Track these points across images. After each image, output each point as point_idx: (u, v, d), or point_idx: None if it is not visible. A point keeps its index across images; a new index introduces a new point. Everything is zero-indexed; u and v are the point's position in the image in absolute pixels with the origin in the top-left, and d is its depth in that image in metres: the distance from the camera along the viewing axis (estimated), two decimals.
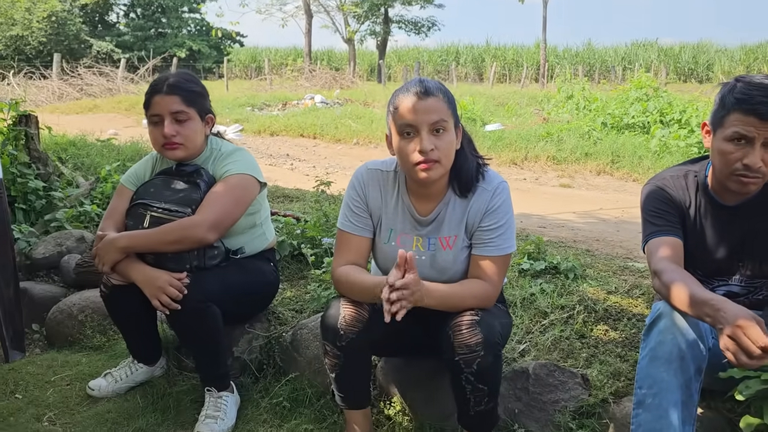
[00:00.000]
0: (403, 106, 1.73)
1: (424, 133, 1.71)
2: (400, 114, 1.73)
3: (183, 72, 2.31)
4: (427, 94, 1.72)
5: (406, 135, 1.73)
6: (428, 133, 1.71)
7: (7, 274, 2.63)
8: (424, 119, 1.71)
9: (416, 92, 1.72)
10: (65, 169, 4.34)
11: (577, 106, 11.34)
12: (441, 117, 1.72)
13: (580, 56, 38.51)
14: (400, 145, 1.75)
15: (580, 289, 2.65)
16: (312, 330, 2.38)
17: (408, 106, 1.72)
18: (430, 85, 1.75)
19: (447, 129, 1.74)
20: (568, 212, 5.23)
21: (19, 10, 26.70)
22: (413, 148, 1.72)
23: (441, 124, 1.72)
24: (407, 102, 1.72)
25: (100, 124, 11.30)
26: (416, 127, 1.71)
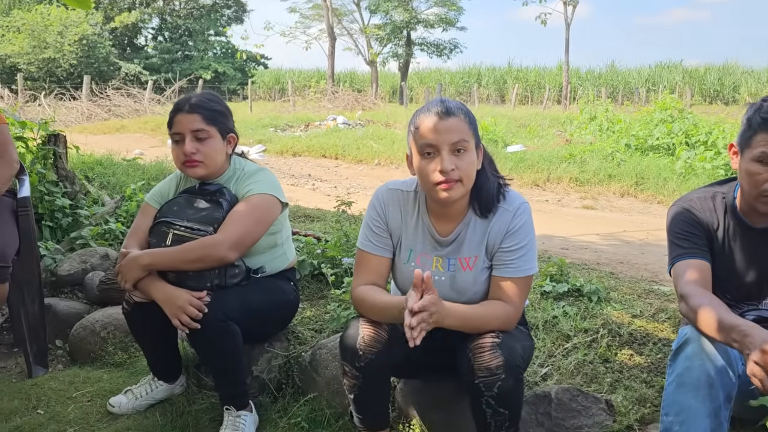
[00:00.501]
0: (424, 126, 1.73)
1: (444, 153, 1.70)
2: (421, 134, 1.73)
3: (206, 92, 2.35)
4: (448, 114, 1.72)
5: (426, 155, 1.73)
6: (449, 153, 1.71)
7: (32, 291, 2.67)
8: (445, 139, 1.70)
9: (437, 112, 1.72)
10: (92, 188, 4.41)
11: (600, 128, 11.27)
12: (462, 137, 1.72)
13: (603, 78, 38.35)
14: (421, 165, 1.75)
15: (603, 313, 2.61)
16: (331, 350, 2.37)
17: (429, 125, 1.72)
18: (451, 105, 1.75)
19: (468, 149, 1.73)
20: (592, 234, 5.17)
21: (51, 34, 27.40)
22: (434, 167, 1.72)
23: (462, 144, 1.72)
24: (428, 122, 1.72)
25: (126, 144, 11.50)
26: (437, 147, 1.71)
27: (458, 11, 34.24)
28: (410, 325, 1.55)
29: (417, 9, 33.35)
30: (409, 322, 1.55)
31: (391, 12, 32.45)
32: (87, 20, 28.93)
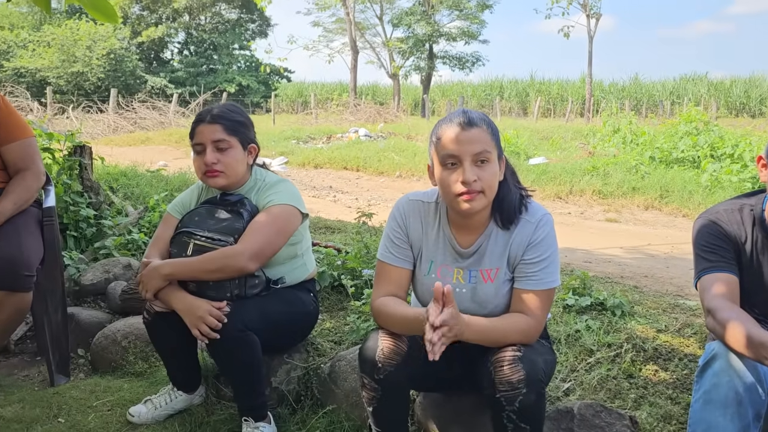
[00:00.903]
0: (446, 137, 1.71)
1: (467, 164, 1.69)
2: (442, 144, 1.72)
3: (228, 103, 2.37)
4: (471, 125, 1.71)
5: (448, 165, 1.72)
6: (471, 164, 1.69)
7: (55, 300, 2.70)
8: (467, 150, 1.69)
9: (459, 122, 1.71)
10: (116, 198, 4.47)
11: (624, 140, 11.17)
12: (484, 148, 1.70)
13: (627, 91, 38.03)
14: (443, 176, 1.73)
15: (627, 327, 2.56)
16: (350, 362, 2.36)
17: (451, 136, 1.71)
18: (474, 116, 1.73)
19: (490, 160, 1.72)
20: (615, 247, 5.10)
21: (80, 48, 28.00)
22: (456, 178, 1.70)
23: (484, 155, 1.70)
24: (450, 132, 1.71)
25: (151, 155, 11.66)
26: (459, 158, 1.69)
27: (480, 24, 34.32)
28: (431, 340, 1.53)
29: (439, 22, 33.50)
30: (431, 338, 1.53)
31: (413, 25, 32.62)
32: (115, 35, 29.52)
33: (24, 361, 2.91)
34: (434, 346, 1.53)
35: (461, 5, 33.00)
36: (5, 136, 2.53)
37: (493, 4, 34.29)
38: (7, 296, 2.32)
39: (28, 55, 28.23)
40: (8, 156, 2.53)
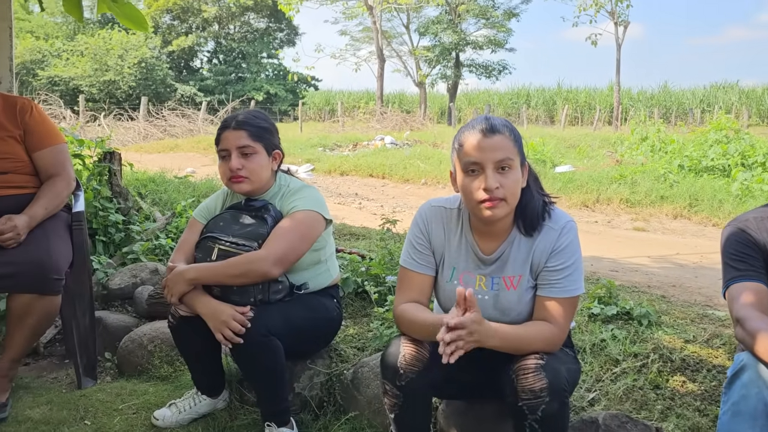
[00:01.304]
0: (468, 143, 1.71)
1: (489, 171, 1.68)
2: (465, 151, 1.72)
3: (253, 110, 2.39)
4: (493, 132, 1.70)
5: (470, 172, 1.71)
6: (493, 171, 1.69)
7: (84, 304, 2.74)
8: (490, 157, 1.68)
9: (482, 129, 1.71)
10: (144, 204, 4.54)
11: (653, 148, 11.01)
12: (507, 155, 1.69)
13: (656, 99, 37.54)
14: (465, 183, 1.73)
15: (654, 337, 2.52)
16: (373, 368, 2.35)
17: (473, 143, 1.70)
18: (496, 123, 1.73)
19: (513, 167, 1.71)
20: (642, 256, 5.02)
21: (112, 57, 28.60)
22: (478, 185, 1.70)
23: (507, 162, 1.69)
24: (472, 139, 1.71)
25: (179, 162, 11.82)
26: (481, 165, 1.69)
27: (507, 33, 34.24)
28: (444, 339, 1.52)
29: (466, 31, 33.50)
30: (443, 337, 1.53)
31: (440, 34, 32.66)
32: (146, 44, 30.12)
33: (52, 364, 2.96)
34: (447, 347, 1.52)
35: (488, 14, 32.97)
36: (37, 143, 2.58)
37: (519, 12, 34.22)
38: (37, 299, 2.37)
39: (62, 64, 28.93)
40: (40, 162, 2.59)
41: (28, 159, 2.57)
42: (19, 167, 2.54)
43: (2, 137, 2.52)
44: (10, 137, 2.53)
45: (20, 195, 2.52)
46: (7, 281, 2.36)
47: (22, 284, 2.35)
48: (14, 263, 2.34)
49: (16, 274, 2.34)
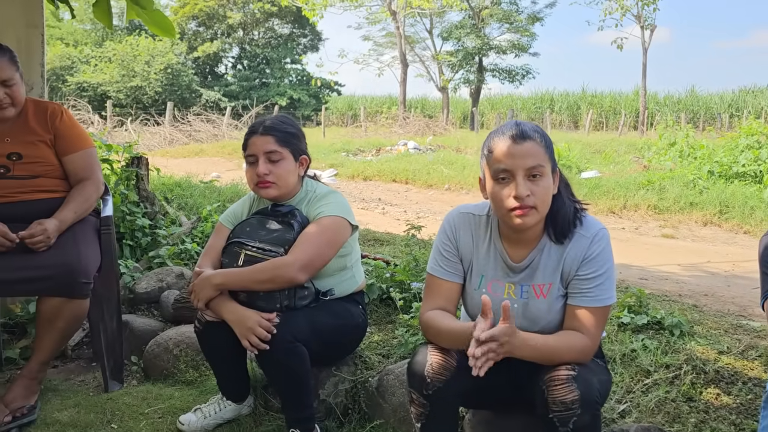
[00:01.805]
0: (498, 150, 1.68)
1: (519, 179, 1.65)
2: (495, 158, 1.69)
3: (280, 115, 2.39)
4: (524, 138, 1.67)
5: (500, 179, 1.68)
6: (524, 179, 1.65)
7: (111, 307, 2.76)
8: (520, 164, 1.65)
9: (512, 135, 1.68)
10: (170, 209, 4.57)
11: (681, 154, 10.84)
12: (538, 162, 1.66)
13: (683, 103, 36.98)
14: (494, 190, 1.70)
15: (687, 348, 2.46)
16: (398, 376, 2.33)
17: (503, 149, 1.67)
18: (527, 128, 1.70)
19: (544, 174, 1.68)
20: (672, 264, 4.93)
21: (139, 63, 29.04)
22: (508, 193, 1.67)
23: (538, 169, 1.66)
24: (502, 145, 1.68)
25: (204, 167, 11.93)
26: (512, 172, 1.66)
27: (531, 37, 34.04)
28: (474, 354, 1.49)
29: (489, 35, 33.38)
30: (473, 352, 1.50)
31: (463, 39, 32.60)
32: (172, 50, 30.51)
33: (80, 367, 2.99)
34: (477, 360, 1.49)
35: (511, 18, 32.83)
36: (67, 147, 2.61)
37: (544, 16, 34.02)
38: (66, 303, 2.39)
39: (90, 70, 29.44)
40: (69, 166, 2.62)
41: (58, 163, 2.60)
42: (49, 171, 2.57)
43: (33, 142, 2.55)
44: (40, 142, 2.57)
45: (50, 199, 2.55)
46: (37, 285, 2.38)
47: (51, 288, 2.37)
48: (44, 267, 2.36)
49: (45, 278, 2.36)
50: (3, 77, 2.44)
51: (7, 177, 2.50)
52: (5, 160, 2.50)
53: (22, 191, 2.50)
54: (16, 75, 2.49)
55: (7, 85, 2.46)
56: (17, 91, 2.49)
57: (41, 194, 2.53)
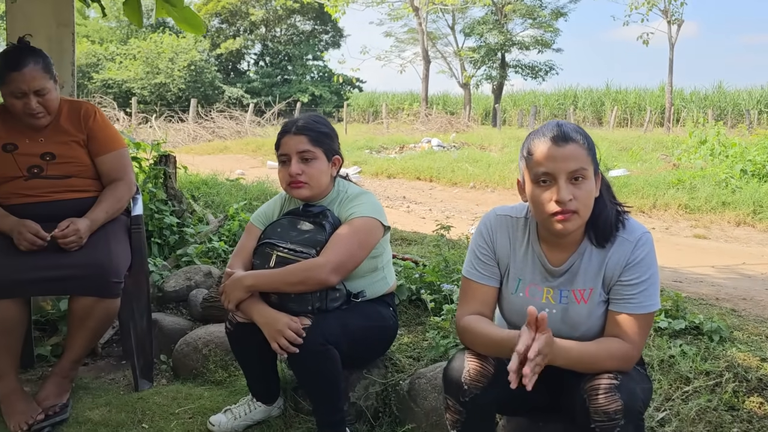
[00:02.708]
0: (539, 152, 1.63)
1: (561, 182, 1.60)
2: (535, 160, 1.63)
3: (313, 114, 2.37)
4: (566, 140, 1.61)
5: (541, 183, 1.63)
6: (566, 182, 1.60)
7: (141, 306, 2.76)
8: (562, 167, 1.60)
9: (553, 137, 1.62)
10: (197, 207, 4.58)
11: (712, 152, 10.63)
12: (581, 165, 1.61)
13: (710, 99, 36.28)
14: (535, 194, 1.65)
15: (727, 354, 2.38)
16: (430, 380, 2.29)
17: (544, 152, 1.62)
18: (569, 129, 1.64)
19: (587, 177, 1.62)
20: (706, 266, 4.82)
21: (163, 60, 29.33)
22: (549, 197, 1.62)
23: (580, 172, 1.61)
24: (544, 148, 1.62)
25: (229, 164, 11.98)
26: (553, 176, 1.61)
27: (554, 33, 33.70)
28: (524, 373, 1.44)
29: (512, 31, 33.09)
30: (516, 367, 1.46)
31: (485, 35, 32.36)
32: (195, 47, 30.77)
33: (110, 365, 3.00)
34: (525, 377, 1.45)
35: (535, 14, 32.51)
36: (100, 147, 2.62)
37: (567, 12, 33.63)
38: (97, 302, 2.39)
39: (115, 67, 29.80)
40: (102, 167, 2.62)
41: (91, 163, 2.61)
42: (81, 171, 2.57)
43: (66, 141, 2.56)
44: (73, 141, 2.57)
45: (83, 199, 2.55)
46: (69, 284, 2.39)
47: (83, 287, 2.38)
48: (76, 266, 2.37)
49: (77, 277, 2.36)
50: (36, 87, 2.41)
51: (41, 176, 2.51)
52: (39, 160, 2.51)
53: (54, 191, 2.51)
54: (50, 83, 2.47)
55: (40, 95, 2.44)
56: (51, 99, 2.48)
57: (74, 194, 2.54)
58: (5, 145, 2.51)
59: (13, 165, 2.49)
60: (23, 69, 2.38)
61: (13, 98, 2.43)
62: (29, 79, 2.39)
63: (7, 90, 2.43)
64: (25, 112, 2.44)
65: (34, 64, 2.41)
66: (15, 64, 2.39)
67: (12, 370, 2.41)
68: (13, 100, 2.43)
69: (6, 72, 2.39)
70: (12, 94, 2.42)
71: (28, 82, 2.39)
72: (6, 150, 2.51)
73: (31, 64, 2.41)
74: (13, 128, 2.53)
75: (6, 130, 2.52)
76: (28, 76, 2.39)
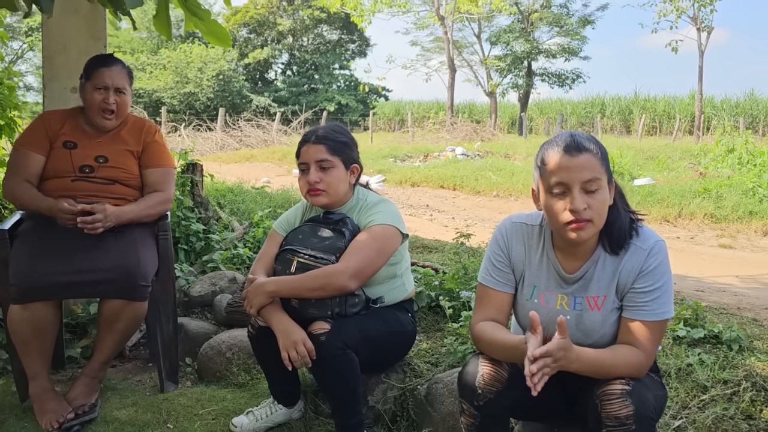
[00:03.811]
0: (553, 162, 1.66)
1: (575, 192, 1.63)
2: (549, 170, 1.67)
3: (333, 124, 2.43)
4: (579, 150, 1.64)
5: (555, 193, 1.67)
6: (580, 192, 1.63)
7: (167, 310, 2.85)
8: (576, 177, 1.63)
9: (567, 147, 1.65)
10: (223, 214, 4.68)
11: (740, 161, 10.47)
12: (594, 175, 1.64)
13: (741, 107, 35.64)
14: (549, 203, 1.68)
15: (746, 363, 2.38)
16: (447, 385, 2.33)
17: (558, 162, 1.65)
18: (582, 140, 1.67)
19: (600, 186, 1.65)
20: (730, 276, 4.77)
21: (192, 70, 29.84)
22: (563, 206, 1.65)
23: (594, 182, 1.63)
24: (557, 158, 1.65)
25: (255, 172, 12.14)
26: (567, 185, 1.64)
27: (582, 40, 33.43)
28: (531, 371, 1.48)
29: (539, 39, 32.94)
30: (529, 370, 1.49)
31: (512, 43, 32.26)
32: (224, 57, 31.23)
33: (137, 367, 3.09)
34: (534, 377, 1.48)
35: (562, 22, 32.32)
36: (150, 160, 2.76)
37: (595, 19, 33.36)
38: (126, 305, 2.48)
39: (146, 77, 30.39)
40: (148, 178, 2.75)
41: (138, 174, 2.74)
42: (128, 179, 2.70)
43: (121, 149, 2.71)
44: (128, 151, 2.73)
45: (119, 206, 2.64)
46: (99, 287, 2.48)
47: (112, 290, 2.47)
48: (105, 270, 2.46)
49: (106, 281, 2.46)
50: (118, 85, 2.68)
51: (89, 178, 2.64)
52: (92, 161, 2.66)
53: (96, 195, 2.63)
54: (128, 88, 2.75)
55: (118, 93, 2.70)
56: (125, 103, 2.73)
57: (113, 200, 2.64)
58: (66, 142, 2.68)
59: (68, 162, 2.64)
60: (112, 66, 2.70)
61: (94, 91, 2.66)
62: (115, 76, 2.68)
63: (91, 84, 2.67)
64: (100, 107, 2.67)
65: (122, 67, 2.74)
66: (106, 62, 2.71)
67: (44, 370, 2.50)
68: (94, 93, 2.66)
69: (96, 67, 2.68)
70: (94, 87, 2.66)
71: (114, 77, 2.67)
72: (66, 146, 2.67)
73: (120, 65, 2.73)
74: (78, 128, 2.72)
75: (71, 129, 2.71)
76: (115, 73, 2.69)
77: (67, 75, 3.32)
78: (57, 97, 3.32)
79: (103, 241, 2.51)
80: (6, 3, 2.05)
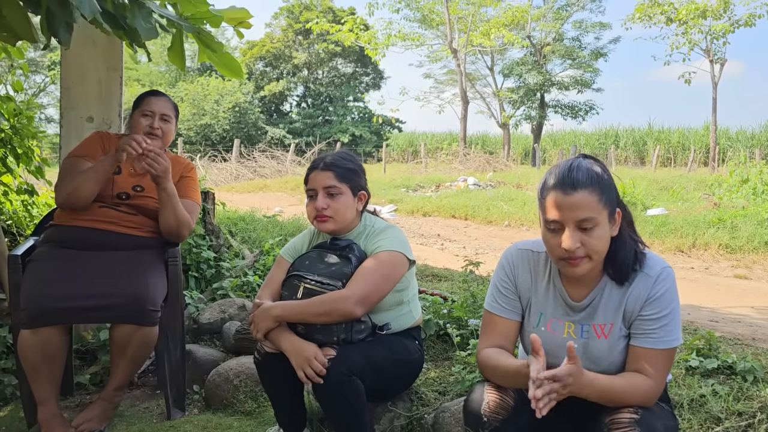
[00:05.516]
0: (549, 201, 1.65)
1: (569, 230, 1.62)
2: (545, 207, 1.66)
3: (341, 151, 2.46)
4: (574, 187, 1.61)
5: (551, 229, 1.66)
6: (574, 230, 1.62)
7: (176, 337, 2.85)
8: (569, 216, 1.62)
9: (562, 184, 1.62)
10: (234, 242, 4.70)
11: (755, 191, 10.39)
12: (588, 214, 1.61)
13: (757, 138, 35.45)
14: (546, 237, 1.69)
15: (761, 395, 2.33)
16: (454, 414, 2.30)
17: (552, 200, 1.64)
18: (579, 176, 1.63)
19: (597, 224, 1.62)
20: (745, 306, 4.70)
21: (209, 102, 30.32)
22: (558, 242, 1.64)
23: (589, 221, 1.61)
24: (552, 196, 1.64)
25: (268, 202, 12.22)
26: (561, 224, 1.63)
27: (594, 73, 33.62)
28: (536, 396, 1.47)
29: (551, 72, 33.16)
30: (534, 394, 1.47)
31: (524, 75, 32.50)
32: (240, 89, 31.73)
33: (145, 394, 3.08)
34: (539, 402, 1.46)
35: (574, 54, 32.56)
36: (182, 192, 2.79)
37: (608, 52, 33.58)
38: (136, 330, 2.49)
39: None
40: None
41: None
42: (156, 210, 2.72)
43: None
44: None
45: (135, 236, 2.68)
46: (109, 312, 2.49)
47: (121, 315, 2.48)
48: (114, 295, 2.48)
49: (115, 306, 2.47)
50: (164, 111, 2.83)
51: (120, 207, 2.69)
52: (130, 190, 2.73)
53: (116, 223, 2.67)
54: (173, 120, 2.89)
55: (163, 120, 2.82)
56: (169, 132, 2.84)
57: (130, 230, 2.69)
58: None
59: (109, 187, 2.69)
60: (161, 96, 2.89)
61: (141, 116, 2.79)
62: (162, 104, 2.84)
63: (140, 111, 2.80)
64: (145, 131, 2.76)
65: (168, 99, 2.90)
66: (154, 93, 2.91)
67: (53, 396, 2.51)
68: (140, 118, 2.78)
69: (146, 96, 2.87)
70: (141, 113, 2.79)
71: (160, 105, 2.83)
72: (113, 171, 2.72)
73: (166, 98, 2.91)
74: None
75: None
76: (161, 101, 2.85)
77: (84, 105, 3.39)
78: (73, 126, 3.40)
79: (113, 266, 2.54)
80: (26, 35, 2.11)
